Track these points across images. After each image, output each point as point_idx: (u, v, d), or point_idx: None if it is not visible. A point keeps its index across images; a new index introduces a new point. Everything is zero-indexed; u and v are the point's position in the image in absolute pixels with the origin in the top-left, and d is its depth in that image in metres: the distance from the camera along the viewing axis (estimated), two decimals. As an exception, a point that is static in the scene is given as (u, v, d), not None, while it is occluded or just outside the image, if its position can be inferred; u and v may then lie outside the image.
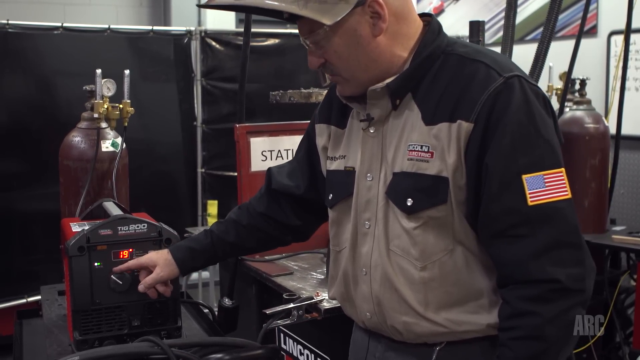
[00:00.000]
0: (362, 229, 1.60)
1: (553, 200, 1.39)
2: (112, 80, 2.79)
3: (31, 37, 4.75)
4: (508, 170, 1.40)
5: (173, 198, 5.36)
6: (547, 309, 1.38)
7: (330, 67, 1.54)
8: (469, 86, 1.44)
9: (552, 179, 1.40)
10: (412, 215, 1.48)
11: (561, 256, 1.39)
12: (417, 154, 1.48)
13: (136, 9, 6.82)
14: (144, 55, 5.25)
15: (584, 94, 3.83)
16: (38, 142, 4.65)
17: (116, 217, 1.95)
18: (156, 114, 5.24)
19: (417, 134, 1.48)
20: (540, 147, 1.41)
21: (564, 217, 1.40)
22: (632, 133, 4.68)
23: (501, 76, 1.43)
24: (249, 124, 2.86)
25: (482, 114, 1.40)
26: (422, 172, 1.47)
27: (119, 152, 2.73)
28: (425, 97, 1.50)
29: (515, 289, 1.41)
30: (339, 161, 1.69)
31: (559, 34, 5.24)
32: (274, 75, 5.51)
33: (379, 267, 1.55)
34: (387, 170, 1.54)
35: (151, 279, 1.85)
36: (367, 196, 1.58)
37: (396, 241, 1.52)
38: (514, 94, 1.41)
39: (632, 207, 4.93)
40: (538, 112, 1.42)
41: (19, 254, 4.67)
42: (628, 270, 3.82)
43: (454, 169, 1.44)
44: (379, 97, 1.53)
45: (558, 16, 2.73)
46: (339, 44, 1.49)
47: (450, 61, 1.50)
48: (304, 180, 1.87)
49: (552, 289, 1.38)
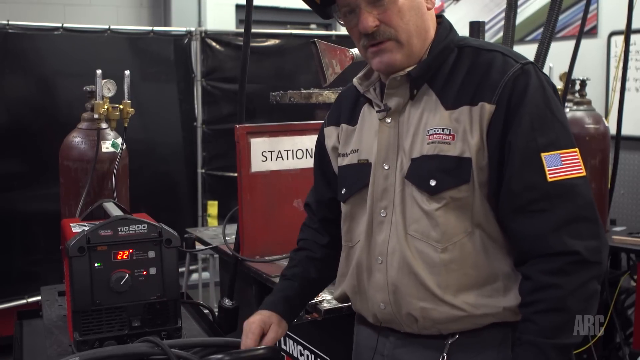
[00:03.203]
0: (378, 217, 1.62)
1: (570, 177, 1.46)
2: (112, 80, 2.79)
3: (31, 37, 4.75)
4: (528, 149, 1.46)
5: (173, 198, 5.36)
6: (568, 280, 1.42)
7: (387, 30, 1.54)
8: (489, 72, 1.51)
9: (568, 157, 1.47)
10: (434, 196, 1.52)
11: (579, 229, 1.44)
12: (438, 137, 1.52)
13: (136, 9, 6.82)
14: (144, 55, 5.26)
15: (584, 94, 3.83)
16: (38, 143, 4.65)
17: (116, 217, 1.95)
18: (156, 114, 5.25)
19: (438, 118, 1.53)
20: (556, 128, 1.48)
21: (580, 192, 1.46)
22: (632, 133, 4.67)
23: (518, 62, 1.51)
24: (249, 124, 2.86)
25: (504, 96, 1.48)
26: (444, 154, 1.51)
27: (119, 153, 2.73)
28: (444, 86, 1.55)
29: (536, 264, 1.45)
30: (352, 156, 1.71)
31: (559, 35, 5.24)
32: (274, 75, 5.51)
33: (396, 253, 1.57)
34: (403, 159, 1.58)
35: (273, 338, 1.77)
36: (384, 185, 1.61)
37: (415, 225, 1.55)
38: (531, 78, 1.49)
39: (632, 207, 4.93)
40: (552, 96, 1.51)
41: (19, 255, 4.68)
42: (628, 270, 3.82)
43: (476, 149, 1.49)
44: (398, 85, 1.58)
45: (558, 17, 2.73)
46: (404, 3, 1.53)
47: (466, 53, 1.58)
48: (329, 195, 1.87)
49: (572, 261, 1.42)
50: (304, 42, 5.38)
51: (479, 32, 2.89)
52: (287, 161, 2.88)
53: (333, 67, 2.77)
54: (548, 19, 2.73)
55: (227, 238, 3.02)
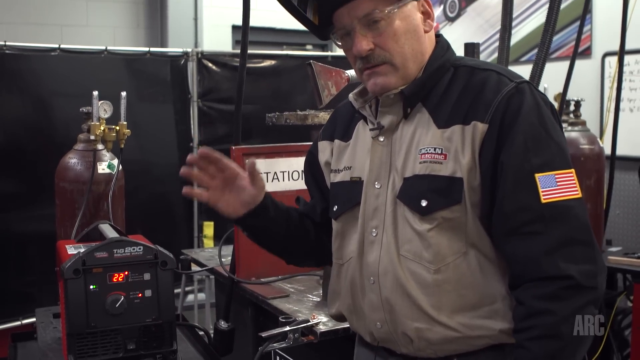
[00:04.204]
0: (369, 237, 1.60)
1: (565, 199, 1.43)
2: (108, 102, 2.79)
3: (28, 58, 4.76)
4: (522, 169, 1.44)
5: (169, 219, 5.35)
6: (562, 306, 1.39)
7: (382, 53, 1.54)
8: (482, 91, 1.49)
9: (563, 178, 1.44)
10: (426, 216, 1.49)
11: (573, 253, 1.41)
12: (430, 156, 1.50)
13: (133, 30, 6.85)
14: (140, 76, 5.27)
15: (578, 115, 3.86)
16: (34, 163, 4.65)
17: (112, 239, 1.95)
18: (152, 134, 5.25)
19: (430, 137, 1.52)
20: (551, 148, 1.46)
21: (575, 215, 1.43)
22: (627, 154, 4.69)
23: (512, 81, 1.50)
24: (245, 145, 2.87)
25: (497, 116, 1.45)
26: (436, 174, 1.49)
27: (115, 174, 2.73)
28: (437, 105, 1.54)
29: (529, 288, 1.43)
30: (344, 172, 1.70)
31: (554, 55, 5.27)
32: (270, 96, 5.53)
33: (389, 273, 1.55)
34: (395, 178, 1.56)
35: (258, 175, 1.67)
36: (375, 204, 1.59)
37: (407, 246, 1.53)
38: (525, 97, 1.47)
39: (628, 227, 4.94)
40: (547, 116, 1.48)
41: (14, 276, 4.65)
42: (624, 291, 3.82)
43: (468, 169, 1.47)
44: (391, 104, 1.57)
45: (552, 38, 2.75)
46: (399, 26, 1.53)
47: (461, 72, 1.56)
48: (320, 204, 1.85)
49: (566, 285, 1.39)
50: (300, 62, 5.39)
51: (473, 53, 2.91)
52: (283, 182, 2.88)
53: (329, 89, 2.78)
54: (542, 40, 2.75)
55: (223, 259, 3.01)
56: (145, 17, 6.88)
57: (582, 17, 3.49)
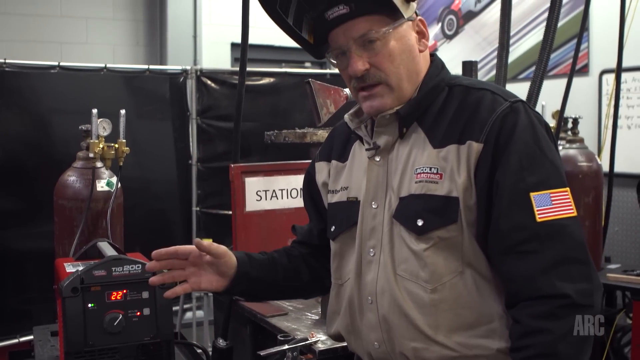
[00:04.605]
0: (366, 257, 1.60)
1: (560, 218, 1.43)
2: (107, 120, 2.80)
3: (28, 75, 4.77)
4: (517, 188, 1.44)
5: (168, 236, 5.33)
6: (559, 325, 1.39)
7: (377, 74, 1.54)
8: (477, 110, 1.50)
9: (558, 197, 1.44)
10: (422, 236, 1.50)
11: (569, 271, 1.41)
12: (426, 176, 1.51)
13: (133, 47, 6.87)
14: (139, 93, 5.28)
15: (576, 132, 3.87)
16: (33, 180, 4.65)
17: (110, 257, 1.95)
18: (151, 152, 5.25)
19: (425, 157, 1.52)
20: (546, 167, 1.46)
21: (570, 233, 1.43)
22: (625, 170, 4.70)
23: (507, 101, 1.50)
24: (243, 163, 2.88)
25: (491, 135, 1.46)
26: (431, 193, 1.49)
27: (114, 192, 2.73)
28: (432, 124, 1.54)
29: (525, 307, 1.43)
30: (341, 193, 1.70)
31: (551, 73, 5.30)
32: (269, 113, 5.54)
33: (386, 293, 1.55)
34: (392, 197, 1.57)
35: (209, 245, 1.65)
36: (372, 224, 1.60)
37: (403, 265, 1.53)
38: (519, 116, 1.48)
39: (627, 244, 4.94)
40: (542, 135, 1.49)
41: (12, 293, 4.63)
42: (624, 308, 3.81)
43: (463, 188, 1.47)
44: (387, 124, 1.58)
45: (550, 55, 2.76)
46: (394, 47, 1.53)
47: (456, 91, 1.57)
48: (317, 226, 1.86)
49: (562, 304, 1.39)
50: (298, 80, 5.41)
51: (471, 71, 2.92)
52: (281, 200, 2.89)
53: (327, 107, 2.79)
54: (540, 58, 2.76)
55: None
56: (144, 34, 6.91)
57: (579, 35, 3.51)
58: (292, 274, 1.84)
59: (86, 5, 6.59)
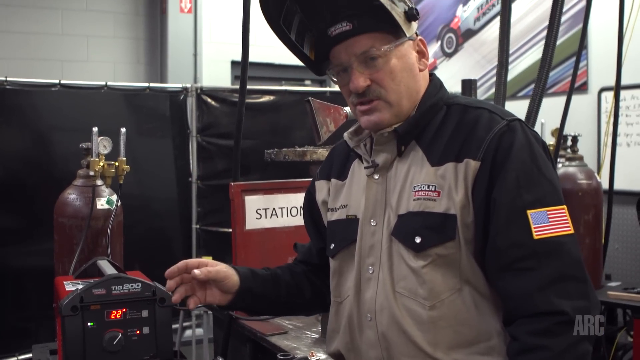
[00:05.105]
0: (365, 274, 1.61)
1: (557, 235, 1.44)
2: (108, 138, 2.80)
3: (29, 93, 4.80)
4: (514, 205, 1.45)
5: (168, 254, 5.33)
6: (556, 342, 1.39)
7: (377, 90, 1.56)
8: (474, 129, 1.51)
9: (555, 215, 1.45)
10: (420, 253, 1.50)
11: (566, 289, 1.41)
12: (424, 194, 1.52)
13: (133, 65, 6.91)
14: (140, 111, 5.30)
15: (576, 150, 3.87)
16: (33, 198, 4.66)
17: (110, 276, 1.94)
18: (151, 169, 5.26)
19: (424, 175, 1.53)
20: (543, 185, 1.47)
21: (567, 251, 1.44)
22: (625, 188, 4.71)
23: (504, 119, 1.51)
24: (243, 182, 2.88)
25: (488, 153, 1.47)
26: (429, 211, 1.50)
27: (114, 210, 2.73)
28: (430, 143, 1.56)
29: (523, 324, 1.43)
30: (340, 211, 1.72)
31: (550, 91, 5.32)
32: (269, 131, 5.56)
33: (385, 310, 1.56)
34: (390, 215, 1.57)
35: (211, 269, 1.69)
36: (370, 241, 1.60)
37: (402, 282, 1.54)
38: (516, 135, 1.49)
39: (627, 262, 4.93)
40: (539, 153, 1.50)
41: (11, 311, 4.63)
42: (625, 326, 3.80)
43: (461, 206, 1.48)
44: (385, 142, 1.59)
45: (549, 73, 2.77)
46: (395, 64, 1.55)
47: (454, 110, 1.59)
48: (317, 245, 1.88)
49: (559, 321, 1.39)
50: (298, 98, 5.44)
51: (470, 90, 2.94)
52: (281, 219, 2.89)
53: (327, 125, 2.79)
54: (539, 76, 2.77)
55: (221, 295, 3.00)
56: (145, 52, 6.94)
57: (578, 53, 3.53)
58: (294, 290, 1.86)
59: (87, 23, 6.63)
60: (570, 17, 5.39)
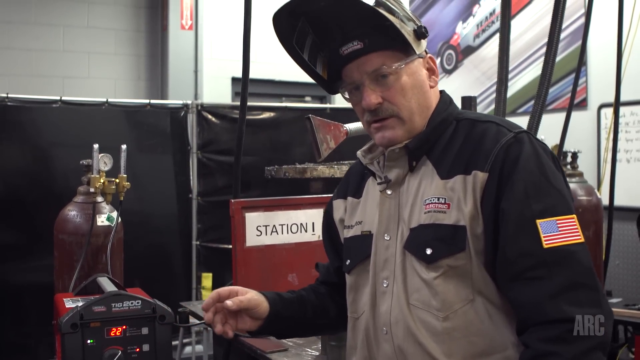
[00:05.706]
0: (380, 288, 1.62)
1: (567, 244, 1.44)
2: (108, 155, 2.81)
3: (30, 110, 4.82)
4: (523, 215, 1.45)
5: (167, 270, 5.33)
6: (568, 349, 1.38)
7: (389, 107, 1.59)
8: (482, 141, 1.53)
9: (564, 224, 1.45)
10: (431, 264, 1.52)
11: (578, 297, 1.41)
12: (434, 206, 1.53)
13: (134, 82, 6.93)
14: (140, 127, 5.32)
15: (575, 166, 3.88)
16: (33, 214, 4.66)
17: (110, 293, 1.95)
18: (152, 186, 5.27)
19: (434, 188, 1.55)
20: (552, 195, 1.48)
21: (578, 259, 1.44)
22: (625, 204, 4.70)
23: (511, 132, 1.54)
24: (244, 199, 2.88)
25: (496, 165, 1.49)
26: (440, 223, 1.52)
27: (114, 227, 2.73)
28: (440, 157, 1.58)
29: (535, 332, 1.43)
30: (356, 227, 1.74)
31: (550, 107, 5.33)
32: (270, 148, 5.57)
33: (400, 322, 1.57)
34: (403, 229, 1.59)
35: (243, 298, 1.72)
36: (385, 255, 1.62)
37: (416, 295, 1.55)
38: (524, 146, 1.50)
39: (628, 278, 4.92)
40: (547, 164, 1.51)
41: (11, 327, 4.61)
42: (626, 343, 3.79)
43: (470, 217, 1.49)
44: (397, 157, 1.62)
45: (549, 90, 2.78)
46: (406, 82, 1.59)
47: (463, 125, 1.62)
48: (334, 263, 1.90)
49: (571, 329, 1.39)
50: (298, 114, 5.45)
51: (470, 106, 2.95)
52: (281, 235, 2.89)
53: (327, 143, 2.80)
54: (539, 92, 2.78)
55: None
56: (146, 69, 6.97)
57: (577, 69, 3.54)
58: (320, 310, 1.88)
59: (88, 40, 6.66)
60: (570, 34, 5.42)
